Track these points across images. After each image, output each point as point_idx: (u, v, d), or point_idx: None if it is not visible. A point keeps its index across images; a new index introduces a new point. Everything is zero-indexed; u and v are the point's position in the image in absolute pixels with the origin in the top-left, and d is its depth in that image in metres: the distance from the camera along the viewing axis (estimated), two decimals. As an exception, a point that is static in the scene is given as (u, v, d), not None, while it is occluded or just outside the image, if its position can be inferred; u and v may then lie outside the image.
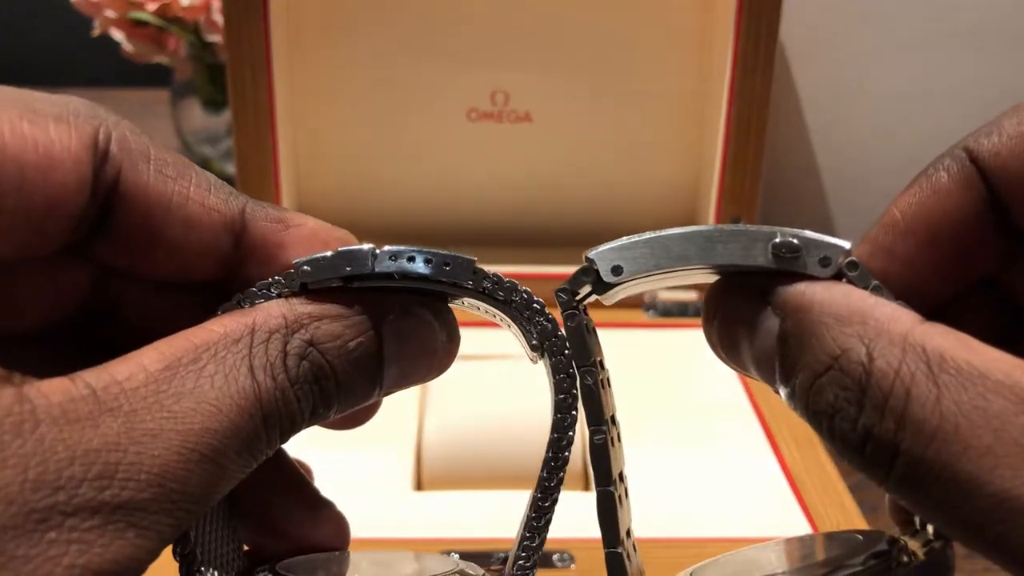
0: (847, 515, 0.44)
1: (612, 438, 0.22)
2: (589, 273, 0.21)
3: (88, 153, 0.18)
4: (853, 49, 0.61)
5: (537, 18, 0.60)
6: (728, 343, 0.21)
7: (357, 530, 0.42)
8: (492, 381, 0.52)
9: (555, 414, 0.22)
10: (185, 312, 0.21)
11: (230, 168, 0.88)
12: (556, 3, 0.60)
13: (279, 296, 0.20)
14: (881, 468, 0.17)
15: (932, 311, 0.19)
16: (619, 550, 0.21)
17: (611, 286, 0.21)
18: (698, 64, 0.62)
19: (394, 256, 0.20)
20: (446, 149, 0.63)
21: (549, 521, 0.22)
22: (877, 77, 0.61)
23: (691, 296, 0.62)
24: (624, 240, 0.20)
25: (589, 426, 0.21)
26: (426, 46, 0.61)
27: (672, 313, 0.61)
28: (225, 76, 0.56)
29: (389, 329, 0.21)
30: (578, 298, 0.21)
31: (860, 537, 0.21)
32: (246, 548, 0.24)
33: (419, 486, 0.47)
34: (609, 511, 0.21)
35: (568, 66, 0.61)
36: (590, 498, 0.48)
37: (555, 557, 0.41)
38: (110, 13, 0.76)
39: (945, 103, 0.60)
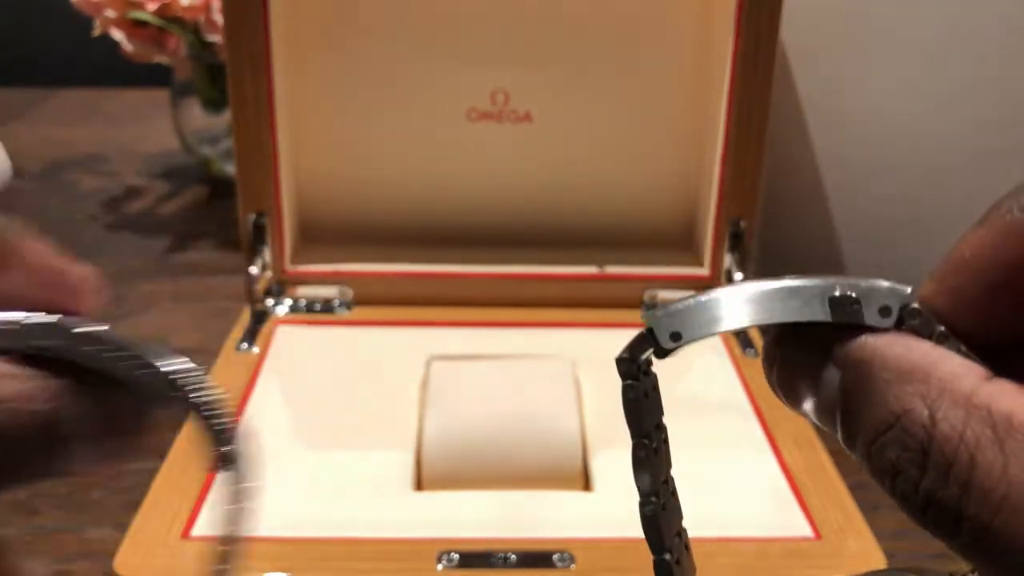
0: (847, 515, 0.44)
1: (663, 502, 0.22)
2: (648, 341, 0.20)
3: None
4: (854, 49, 0.61)
5: (537, 17, 0.60)
6: (790, 392, 0.20)
7: (357, 530, 0.43)
8: (492, 381, 0.52)
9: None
10: None
11: (230, 168, 0.88)
12: (556, 3, 0.60)
13: None
14: (945, 531, 0.17)
15: (999, 355, 0.18)
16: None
17: (670, 351, 0.20)
18: (698, 64, 0.62)
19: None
20: (446, 149, 0.63)
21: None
22: (878, 77, 0.61)
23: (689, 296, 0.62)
24: (680, 305, 0.20)
25: (640, 495, 0.21)
26: (426, 46, 0.61)
27: (672, 313, 0.61)
28: (225, 76, 0.56)
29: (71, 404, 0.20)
30: (641, 358, 0.21)
31: None
32: None
33: (419, 486, 0.47)
34: None
35: (568, 66, 0.61)
36: (590, 498, 0.48)
37: (555, 557, 0.41)
38: (110, 13, 0.76)
39: (946, 103, 0.60)
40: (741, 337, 0.59)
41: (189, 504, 0.43)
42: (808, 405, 0.20)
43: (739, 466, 0.48)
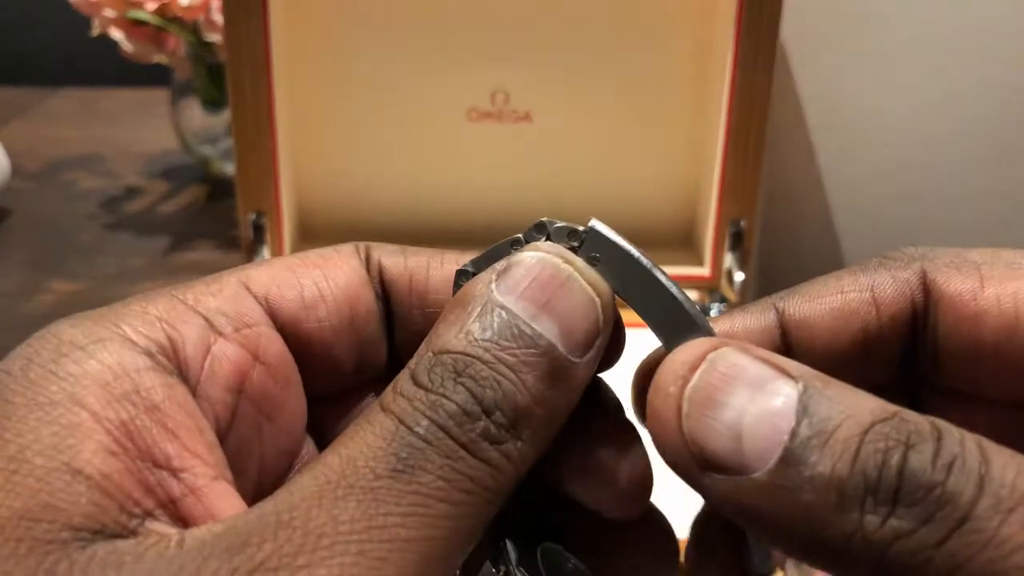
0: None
1: None
2: (576, 233, 0.21)
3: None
4: (854, 49, 0.61)
5: (537, 18, 0.60)
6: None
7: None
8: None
9: None
10: None
11: (230, 168, 0.88)
12: (556, 3, 0.60)
13: None
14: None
15: None
16: None
17: (574, 243, 0.21)
18: (699, 64, 0.62)
19: None
20: (446, 149, 0.63)
21: None
22: (878, 77, 0.61)
23: (691, 296, 0.62)
24: (631, 248, 0.21)
25: None
26: (426, 45, 0.61)
27: (672, 313, 0.61)
28: (224, 76, 0.56)
29: None
30: (547, 233, 0.21)
31: None
32: None
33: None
34: None
35: (568, 66, 0.61)
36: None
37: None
38: (109, 12, 0.76)
39: (945, 103, 0.60)
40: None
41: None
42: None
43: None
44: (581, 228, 0.21)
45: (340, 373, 0.22)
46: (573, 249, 0.20)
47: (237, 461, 0.20)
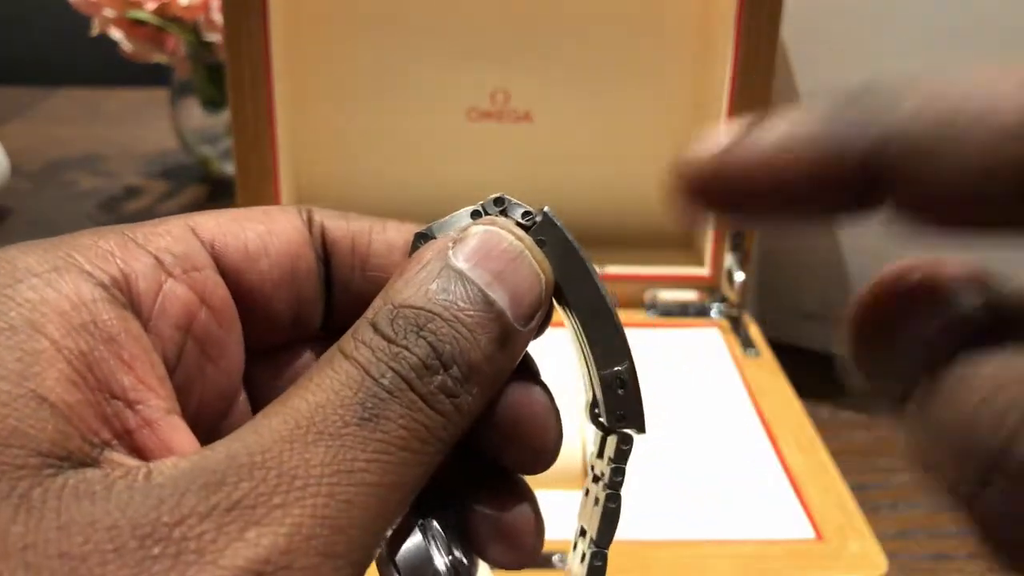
0: (848, 515, 0.44)
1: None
2: (531, 216, 0.22)
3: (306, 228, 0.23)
4: (854, 49, 0.61)
5: (537, 17, 0.60)
6: None
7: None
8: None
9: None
10: None
11: (229, 168, 0.88)
12: (557, 3, 0.60)
13: None
14: None
15: None
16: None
17: (526, 222, 0.22)
18: (699, 64, 0.62)
19: None
20: (446, 149, 0.63)
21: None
22: (878, 76, 0.61)
23: (691, 296, 0.62)
24: (571, 240, 0.23)
25: None
26: (426, 45, 0.61)
27: (672, 313, 0.61)
28: (224, 75, 0.56)
29: None
30: (505, 207, 0.23)
31: None
32: None
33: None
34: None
35: (568, 66, 0.61)
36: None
37: (555, 558, 0.40)
38: (109, 12, 0.76)
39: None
40: (742, 336, 0.58)
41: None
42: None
43: (740, 467, 0.48)
44: (534, 211, 0.23)
45: (277, 327, 0.23)
46: (524, 228, 0.22)
47: (178, 398, 0.20)
